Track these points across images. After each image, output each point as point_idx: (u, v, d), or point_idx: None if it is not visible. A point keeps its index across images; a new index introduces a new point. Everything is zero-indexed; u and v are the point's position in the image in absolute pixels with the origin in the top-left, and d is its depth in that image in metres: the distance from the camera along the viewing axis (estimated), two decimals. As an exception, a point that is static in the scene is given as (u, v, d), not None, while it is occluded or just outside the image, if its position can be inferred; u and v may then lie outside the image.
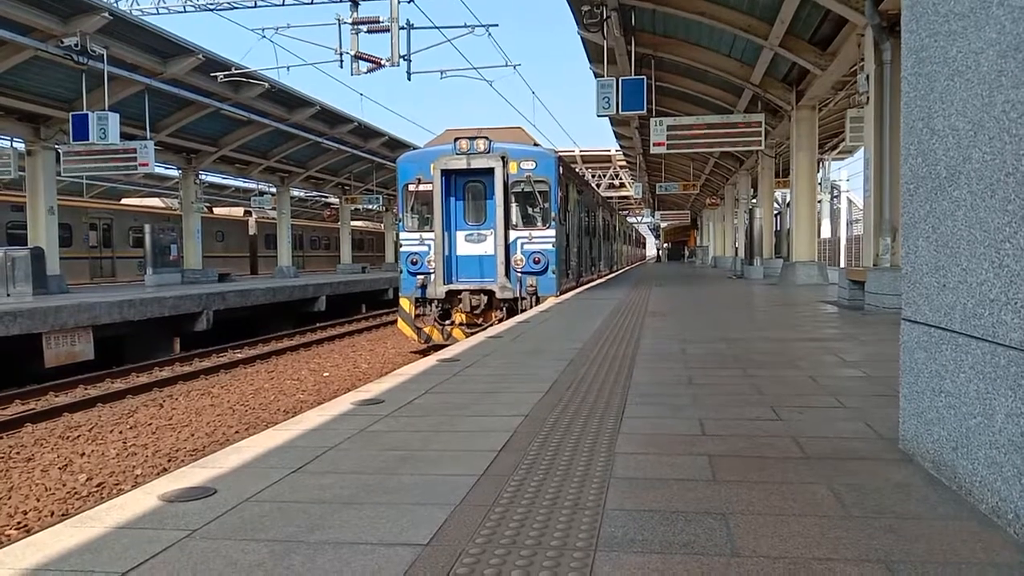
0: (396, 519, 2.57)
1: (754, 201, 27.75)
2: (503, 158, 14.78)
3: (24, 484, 7.58)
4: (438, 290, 15.04)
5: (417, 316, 15.43)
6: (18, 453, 8.70)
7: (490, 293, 15.00)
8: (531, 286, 14.89)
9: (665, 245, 79.55)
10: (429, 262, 15.15)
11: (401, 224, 15.74)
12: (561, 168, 15.91)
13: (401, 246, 15.67)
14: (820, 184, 31.31)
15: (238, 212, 41.06)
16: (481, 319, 15.04)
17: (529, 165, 14.97)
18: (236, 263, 36.33)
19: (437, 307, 15.23)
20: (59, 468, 8.05)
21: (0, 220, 24.41)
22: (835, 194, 41.45)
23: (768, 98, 17.83)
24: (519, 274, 14.98)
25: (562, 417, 4.11)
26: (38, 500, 7.11)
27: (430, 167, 14.94)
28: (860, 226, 23.46)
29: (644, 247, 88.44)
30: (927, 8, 2.92)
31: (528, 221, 15.29)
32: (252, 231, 40.16)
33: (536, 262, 14.95)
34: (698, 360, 6.25)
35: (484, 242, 15.21)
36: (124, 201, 36.64)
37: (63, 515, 6.75)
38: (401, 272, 15.67)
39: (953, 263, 2.68)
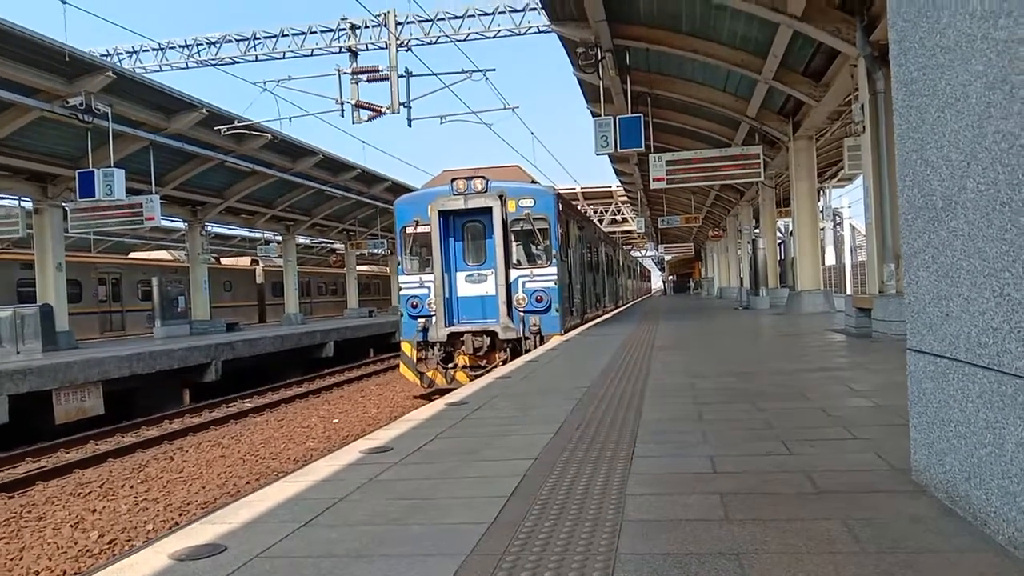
0: (407, 572, 2.55)
1: (757, 231, 27.82)
2: (501, 197, 14.57)
3: (36, 543, 7.54)
4: (439, 333, 14.73)
5: (419, 360, 15.11)
6: (29, 512, 8.67)
7: (493, 334, 14.68)
8: (534, 325, 14.58)
9: (670, 278, 79.69)
10: (430, 304, 14.86)
11: (401, 267, 15.53)
12: (560, 204, 15.69)
13: (401, 289, 15.43)
14: (822, 212, 31.41)
15: (245, 262, 41.38)
16: (485, 361, 14.71)
17: (527, 203, 14.78)
18: (244, 312, 36.64)
19: (440, 350, 14.88)
20: (70, 526, 8.02)
21: (11, 278, 24.62)
22: (837, 221, 41.52)
23: (765, 130, 17.98)
24: (522, 313, 14.69)
25: (572, 459, 4.09)
26: (50, 559, 7.08)
27: (427, 208, 14.74)
28: (864, 252, 23.45)
29: (649, 280, 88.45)
30: (914, 42, 2.96)
31: (529, 259, 15.04)
32: (259, 280, 40.44)
33: (539, 300, 14.68)
34: (707, 395, 6.22)
35: (485, 282, 14.95)
36: (132, 255, 37.02)
37: (75, 575, 6.71)
38: (402, 316, 15.38)
39: (955, 292, 2.69)
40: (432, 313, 14.83)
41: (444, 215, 14.78)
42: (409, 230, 15.21)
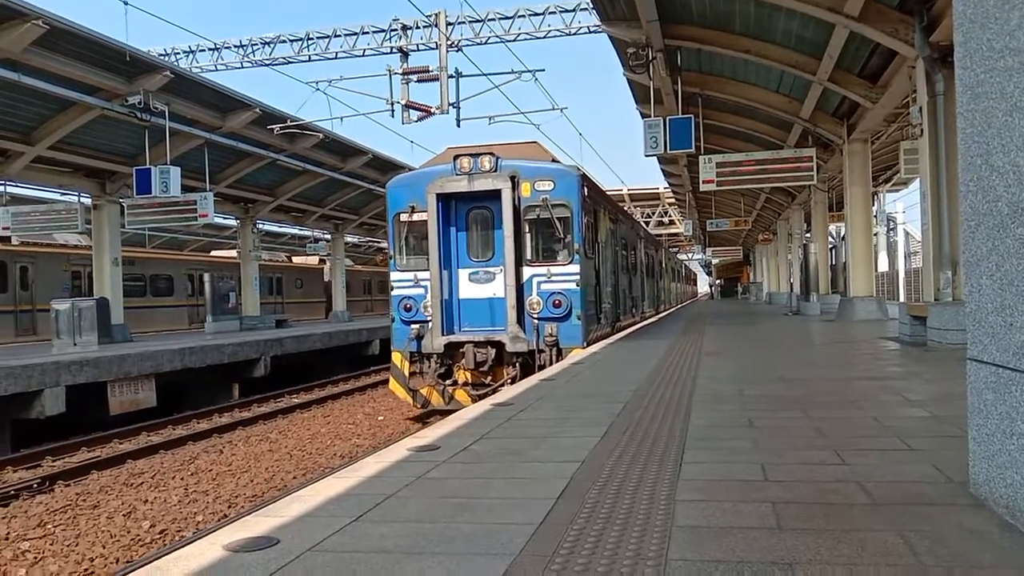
0: (456, 570, 2.56)
1: (808, 236, 27.35)
2: (513, 178, 12.12)
3: (91, 531, 7.75)
4: (435, 343, 12.25)
5: (412, 375, 12.75)
6: (84, 500, 8.91)
7: (499, 345, 12.18)
8: (550, 335, 12.13)
9: (718, 282, 78.81)
10: (425, 308, 12.49)
11: (393, 262, 13.00)
12: (586, 189, 13.06)
13: (393, 289, 12.92)
14: (875, 217, 30.78)
15: (313, 260, 42.41)
16: (490, 377, 12.39)
17: (546, 186, 12.28)
18: (313, 307, 39.15)
19: (437, 363, 12.45)
20: (123, 515, 8.22)
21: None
22: (891, 227, 40.62)
23: (819, 132, 17.68)
24: (535, 320, 12.22)
25: (620, 463, 4.07)
26: (104, 547, 7.26)
27: (425, 192, 12.38)
28: (919, 258, 22.93)
29: (695, 284, 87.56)
30: (981, 44, 2.89)
31: (546, 255, 12.60)
32: (327, 277, 41.46)
33: (556, 305, 12.23)
34: (757, 401, 6.15)
35: (492, 282, 12.51)
36: (214, 253, 38.72)
37: (128, 562, 6.88)
38: (393, 321, 12.93)
39: (1020, 301, 2.61)
40: (428, 318, 12.45)
41: (444, 199, 12.41)
42: (403, 217, 12.78)
